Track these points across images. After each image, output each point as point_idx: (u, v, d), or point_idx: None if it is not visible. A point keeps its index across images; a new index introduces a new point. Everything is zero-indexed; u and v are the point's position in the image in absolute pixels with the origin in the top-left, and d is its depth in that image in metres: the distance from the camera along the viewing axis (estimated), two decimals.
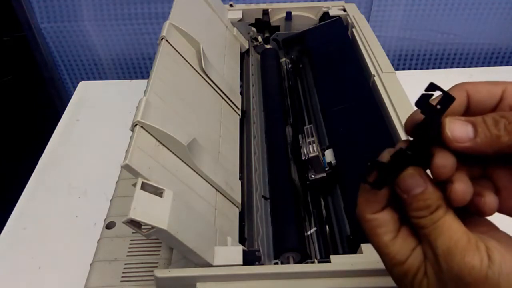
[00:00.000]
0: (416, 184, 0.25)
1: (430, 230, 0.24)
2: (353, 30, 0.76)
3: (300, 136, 0.59)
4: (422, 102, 0.25)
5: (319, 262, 0.42)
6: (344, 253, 0.47)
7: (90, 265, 0.45)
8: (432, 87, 0.25)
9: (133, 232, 0.46)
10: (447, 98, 0.25)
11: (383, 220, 0.27)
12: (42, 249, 0.61)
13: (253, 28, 0.81)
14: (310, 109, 0.68)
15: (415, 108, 0.24)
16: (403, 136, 0.52)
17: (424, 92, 0.25)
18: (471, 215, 0.26)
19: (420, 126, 0.25)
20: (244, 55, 0.78)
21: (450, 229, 0.24)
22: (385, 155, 0.26)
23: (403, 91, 0.59)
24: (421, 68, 1.27)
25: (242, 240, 0.48)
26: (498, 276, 0.22)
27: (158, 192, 0.38)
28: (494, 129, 0.23)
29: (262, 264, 0.45)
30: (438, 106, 0.25)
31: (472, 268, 0.22)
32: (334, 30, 0.77)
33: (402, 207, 0.26)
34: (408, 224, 0.26)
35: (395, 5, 1.14)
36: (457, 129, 0.24)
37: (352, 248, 0.44)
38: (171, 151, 0.43)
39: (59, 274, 0.58)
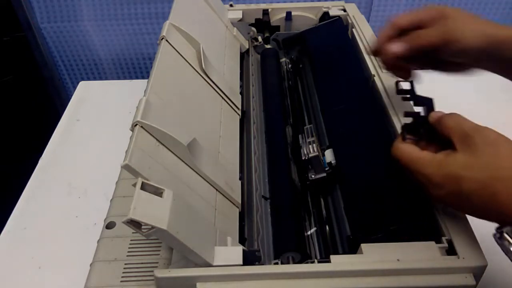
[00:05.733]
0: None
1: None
2: (353, 30, 0.76)
3: (300, 136, 0.59)
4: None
5: (319, 262, 0.42)
6: (344, 253, 0.47)
7: (90, 265, 0.45)
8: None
9: (133, 232, 0.46)
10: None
11: (413, 147, 0.43)
12: (42, 249, 0.61)
13: (253, 28, 0.81)
14: (310, 109, 0.68)
15: (416, 109, 0.30)
16: None
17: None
18: None
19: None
20: (244, 55, 0.78)
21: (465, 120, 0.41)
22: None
23: None
24: (421, 68, 1.27)
25: (242, 240, 0.48)
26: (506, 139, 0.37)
27: (158, 192, 0.38)
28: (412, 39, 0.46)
29: (262, 264, 0.45)
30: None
31: (493, 132, 0.38)
32: (334, 30, 0.77)
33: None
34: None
35: (395, 5, 1.14)
36: (394, 47, 0.47)
37: (352, 248, 0.44)
38: (171, 151, 0.44)
39: (59, 274, 0.58)
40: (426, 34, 0.46)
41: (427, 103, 0.46)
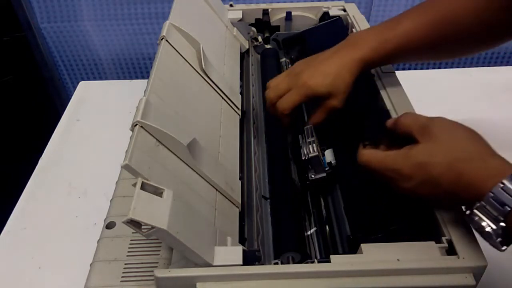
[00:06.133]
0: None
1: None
2: (353, 30, 0.76)
3: (300, 136, 0.59)
4: None
5: (319, 262, 0.42)
6: (344, 253, 0.47)
7: (90, 265, 0.45)
8: None
9: (133, 232, 0.46)
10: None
11: (376, 150, 0.46)
12: (42, 249, 0.61)
13: (253, 28, 0.81)
14: (310, 109, 0.68)
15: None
16: None
17: None
18: None
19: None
20: (244, 55, 0.78)
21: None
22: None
23: (403, 91, 0.59)
24: (421, 68, 1.27)
25: (242, 240, 0.48)
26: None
27: (158, 192, 0.38)
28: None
29: (262, 264, 0.46)
30: None
31: (447, 120, 0.42)
32: (334, 30, 0.77)
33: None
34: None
35: (395, 5, 1.14)
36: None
37: (352, 248, 0.44)
38: (171, 151, 0.44)
39: (59, 274, 0.58)
40: (317, 119, 0.55)
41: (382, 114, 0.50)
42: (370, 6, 1.15)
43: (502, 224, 0.35)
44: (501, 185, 0.35)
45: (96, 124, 0.84)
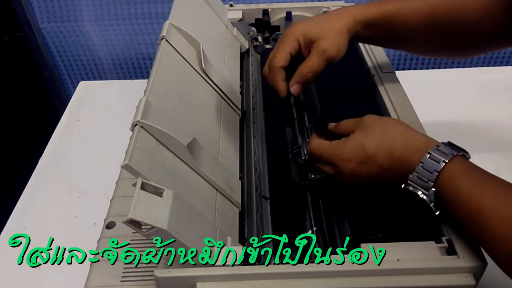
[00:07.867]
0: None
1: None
2: None
3: (300, 136, 0.59)
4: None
5: (319, 262, 0.42)
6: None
7: (90, 265, 0.45)
8: None
9: (133, 232, 0.46)
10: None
11: (323, 140, 0.50)
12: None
13: (253, 28, 0.81)
14: (310, 108, 0.68)
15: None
16: None
17: None
18: None
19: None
20: (244, 55, 0.78)
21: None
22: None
23: (403, 91, 0.59)
24: (421, 68, 1.27)
25: (242, 240, 0.48)
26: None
27: (158, 192, 0.38)
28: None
29: (262, 264, 0.45)
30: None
31: (376, 115, 0.47)
32: None
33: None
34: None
35: None
36: (294, 90, 0.53)
37: (352, 248, 0.44)
38: (171, 151, 0.44)
39: (59, 274, 0.58)
40: (309, 66, 0.51)
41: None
42: None
43: (433, 189, 0.40)
44: (428, 155, 0.40)
45: (96, 124, 0.84)
